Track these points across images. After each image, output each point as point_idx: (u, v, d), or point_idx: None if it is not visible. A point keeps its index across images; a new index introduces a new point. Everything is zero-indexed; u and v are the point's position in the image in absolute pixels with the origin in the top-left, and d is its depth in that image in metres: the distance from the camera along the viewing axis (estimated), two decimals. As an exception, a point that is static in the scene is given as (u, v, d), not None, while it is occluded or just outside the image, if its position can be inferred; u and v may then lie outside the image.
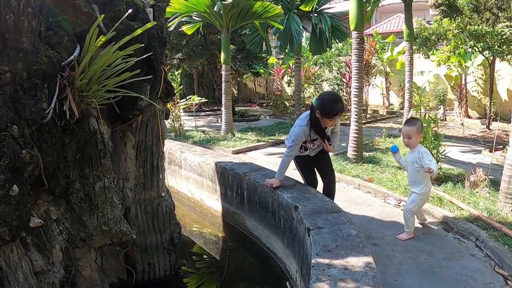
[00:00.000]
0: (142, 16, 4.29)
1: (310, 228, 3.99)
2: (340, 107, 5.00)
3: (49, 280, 3.43)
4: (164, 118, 4.95)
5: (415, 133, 5.53)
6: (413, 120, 5.74)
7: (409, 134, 5.56)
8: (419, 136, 5.66)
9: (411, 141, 5.57)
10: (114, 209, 3.94)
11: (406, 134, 5.60)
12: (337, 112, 4.99)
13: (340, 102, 5.07)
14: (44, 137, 3.36)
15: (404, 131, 5.67)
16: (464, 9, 11.71)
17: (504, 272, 4.72)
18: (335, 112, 4.98)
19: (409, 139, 5.56)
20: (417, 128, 5.54)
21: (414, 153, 5.61)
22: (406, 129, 5.60)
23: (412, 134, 5.54)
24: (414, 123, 5.62)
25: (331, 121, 5.09)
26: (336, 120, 5.16)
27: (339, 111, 5.01)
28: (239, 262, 5.83)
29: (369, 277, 3.06)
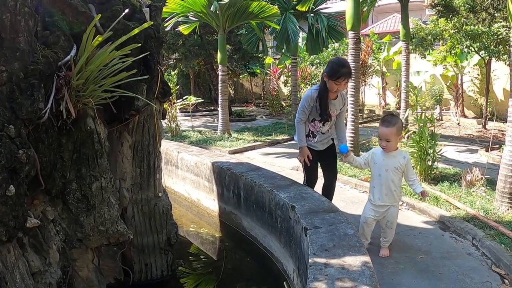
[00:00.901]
0: (139, 16, 4.29)
1: (307, 228, 3.99)
2: (345, 71, 5.00)
3: (46, 281, 3.42)
4: (161, 118, 4.95)
5: (394, 135, 4.84)
6: (391, 119, 4.93)
7: (388, 136, 4.85)
8: (399, 138, 4.98)
9: (390, 144, 4.87)
10: (111, 209, 3.94)
11: (384, 136, 4.87)
12: (342, 74, 4.97)
13: (346, 67, 5.06)
14: (40, 137, 3.35)
15: (381, 133, 4.91)
16: (460, 9, 11.73)
17: (501, 271, 4.74)
18: (340, 74, 4.96)
19: (388, 142, 4.87)
20: (396, 129, 4.84)
21: (396, 157, 4.96)
22: (384, 131, 4.86)
23: (391, 136, 4.84)
24: (393, 123, 4.87)
25: (336, 86, 5.05)
26: (341, 85, 5.09)
27: (343, 74, 4.98)
28: (236, 262, 5.81)
29: (366, 276, 3.07)
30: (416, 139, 7.66)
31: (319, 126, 5.39)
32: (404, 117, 11.86)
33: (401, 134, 4.99)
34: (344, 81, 5.04)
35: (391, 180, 4.94)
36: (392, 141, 4.85)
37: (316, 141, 5.46)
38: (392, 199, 5.00)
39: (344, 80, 5.04)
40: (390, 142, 4.84)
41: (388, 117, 5.02)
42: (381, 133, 4.89)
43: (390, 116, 5.07)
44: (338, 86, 5.06)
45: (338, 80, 4.99)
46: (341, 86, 5.09)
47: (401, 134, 4.99)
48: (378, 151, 5.05)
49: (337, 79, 4.97)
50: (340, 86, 5.08)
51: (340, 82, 5.02)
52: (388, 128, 4.82)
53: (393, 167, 4.92)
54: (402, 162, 4.93)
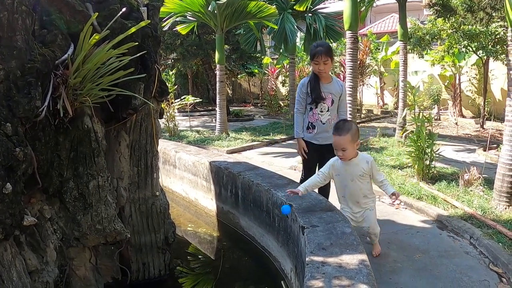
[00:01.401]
0: (136, 15, 4.28)
1: (305, 227, 3.98)
2: (319, 49, 5.25)
3: (43, 280, 3.41)
4: (158, 117, 4.95)
5: (349, 142, 4.44)
6: (344, 126, 4.53)
7: (342, 145, 4.46)
8: (356, 144, 4.53)
9: (347, 153, 4.49)
10: (108, 208, 3.93)
11: (338, 145, 4.50)
12: (316, 52, 5.24)
13: (321, 46, 5.32)
14: (37, 136, 3.35)
15: (335, 143, 4.54)
16: (458, 9, 11.74)
17: (499, 269, 4.76)
18: (314, 52, 5.27)
19: (344, 151, 4.48)
20: (351, 136, 4.44)
21: (358, 164, 4.59)
22: (338, 140, 4.48)
23: (346, 144, 4.45)
24: (346, 130, 4.46)
25: (316, 65, 5.27)
26: (321, 64, 5.25)
27: (317, 52, 5.22)
28: (234, 262, 5.81)
29: (364, 274, 3.06)
30: (414, 139, 7.67)
31: (317, 113, 5.44)
32: (402, 117, 11.88)
33: (357, 139, 4.54)
34: (322, 60, 5.21)
35: (359, 189, 4.70)
36: (349, 149, 4.47)
37: (316, 132, 5.48)
38: (364, 204, 4.80)
39: (323, 59, 5.21)
40: (346, 150, 4.47)
41: (340, 123, 4.66)
42: (335, 142, 4.54)
43: (342, 122, 4.74)
44: (318, 66, 5.26)
45: (315, 59, 5.25)
46: (321, 65, 5.25)
47: (357, 139, 4.54)
48: (338, 162, 4.68)
49: (314, 58, 5.26)
50: (320, 65, 5.26)
51: (318, 61, 5.24)
52: (341, 136, 4.46)
53: (357, 175, 4.62)
54: (366, 168, 4.60)
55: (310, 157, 5.58)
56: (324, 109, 5.43)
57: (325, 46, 5.34)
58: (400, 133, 11.67)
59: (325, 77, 5.45)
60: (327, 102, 5.43)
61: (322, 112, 5.44)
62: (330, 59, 5.31)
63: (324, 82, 5.44)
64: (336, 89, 5.49)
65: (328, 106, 5.44)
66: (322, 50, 5.24)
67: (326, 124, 5.44)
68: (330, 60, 5.33)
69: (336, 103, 5.53)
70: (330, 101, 5.44)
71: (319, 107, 5.43)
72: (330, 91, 5.43)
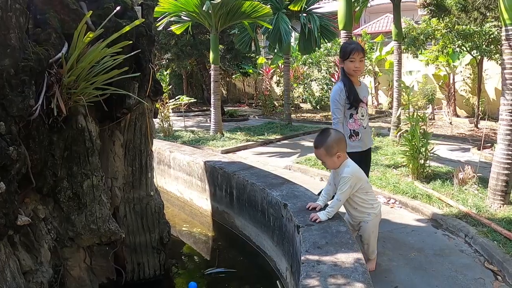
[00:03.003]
0: (130, 14, 4.28)
1: (300, 226, 3.99)
2: (354, 46, 4.92)
3: (37, 280, 3.40)
4: (153, 116, 4.95)
5: (324, 155, 4.28)
6: (319, 140, 4.35)
7: (319, 157, 4.41)
8: (336, 156, 4.25)
9: (327, 164, 4.41)
10: (102, 207, 3.93)
11: (317, 157, 4.47)
12: (352, 49, 4.86)
13: (355, 43, 5.12)
14: (31, 135, 3.34)
15: (315, 154, 4.49)
16: (452, 9, 11.76)
17: (494, 267, 4.77)
18: (350, 49, 4.87)
19: (324, 163, 4.45)
20: (325, 150, 4.24)
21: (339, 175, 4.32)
22: (315, 152, 4.44)
23: (322, 157, 4.34)
24: (320, 144, 4.29)
25: (353, 63, 4.85)
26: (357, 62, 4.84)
27: (353, 49, 4.85)
28: (229, 262, 5.79)
29: (359, 273, 3.07)
30: (409, 138, 7.67)
31: (359, 119, 5.03)
32: (396, 116, 11.89)
33: (336, 151, 4.24)
34: (358, 56, 4.84)
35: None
36: (327, 162, 4.32)
37: (360, 138, 5.03)
38: (358, 217, 4.51)
39: (358, 55, 4.85)
40: (326, 163, 4.36)
41: (318, 136, 4.43)
42: (315, 154, 4.47)
43: (319, 134, 4.46)
44: (354, 63, 4.86)
45: (352, 57, 4.84)
46: (357, 62, 4.87)
47: (336, 151, 4.24)
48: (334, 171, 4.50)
49: (350, 55, 4.84)
50: (356, 63, 4.86)
51: (355, 58, 4.84)
52: (316, 150, 4.35)
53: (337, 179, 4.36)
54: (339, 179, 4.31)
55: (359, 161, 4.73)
56: (364, 113, 5.07)
57: (358, 44, 5.09)
58: (394, 132, 11.67)
59: (356, 80, 5.06)
60: (364, 106, 5.08)
61: (363, 116, 5.05)
62: (364, 56, 5.03)
63: (356, 85, 5.01)
64: (365, 92, 5.19)
65: (366, 110, 5.10)
66: (358, 46, 4.92)
67: (367, 128, 5.14)
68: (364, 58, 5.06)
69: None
70: (366, 104, 5.16)
71: (360, 112, 5.02)
72: (363, 94, 5.10)
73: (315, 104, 21.33)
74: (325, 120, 17.73)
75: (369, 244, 4.60)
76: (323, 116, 18.93)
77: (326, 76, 20.79)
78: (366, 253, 4.65)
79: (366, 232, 4.52)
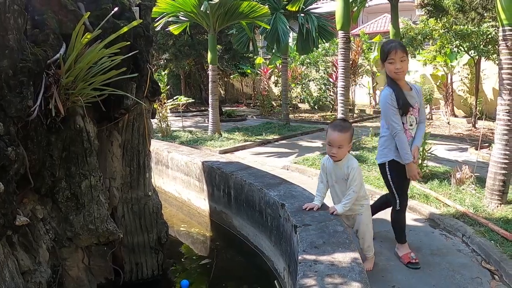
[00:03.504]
0: (128, 14, 4.29)
1: (297, 225, 4.01)
2: (392, 44, 4.51)
3: (36, 280, 3.41)
4: (151, 117, 4.96)
5: (347, 141, 4.31)
6: (345, 124, 4.44)
7: (341, 142, 4.28)
8: (349, 146, 4.41)
9: (341, 151, 4.31)
10: (100, 207, 3.94)
11: (336, 142, 4.28)
12: (390, 48, 4.47)
13: (393, 42, 4.62)
14: (29, 135, 3.35)
15: (333, 139, 4.30)
16: (450, 9, 11.78)
17: (491, 267, 4.77)
18: (388, 48, 4.49)
19: (339, 149, 4.29)
20: (350, 135, 4.35)
21: (342, 168, 4.40)
22: (338, 137, 4.28)
23: (344, 142, 4.29)
24: (347, 128, 4.35)
25: (393, 65, 4.45)
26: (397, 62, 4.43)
27: (392, 48, 4.45)
28: (227, 262, 5.83)
29: (356, 272, 3.08)
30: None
31: (407, 128, 4.68)
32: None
33: (351, 140, 4.41)
34: (397, 56, 4.43)
35: (341, 191, 4.51)
36: (344, 148, 4.30)
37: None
38: (354, 210, 4.55)
39: (398, 55, 4.43)
40: (342, 148, 4.28)
41: (340, 121, 4.63)
42: (333, 138, 4.30)
43: (341, 120, 4.73)
44: (394, 65, 4.46)
45: (390, 58, 4.46)
46: (398, 63, 4.45)
47: (351, 140, 4.41)
48: (329, 162, 4.54)
49: (388, 55, 4.47)
50: (396, 64, 4.45)
51: (394, 59, 4.45)
52: (343, 134, 4.29)
53: (341, 178, 4.47)
54: (345, 172, 4.39)
55: (405, 177, 4.76)
56: (413, 121, 4.69)
57: (398, 41, 4.71)
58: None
59: (404, 83, 4.66)
60: (414, 113, 4.67)
61: (411, 126, 4.69)
62: (406, 55, 4.51)
63: (404, 89, 4.63)
64: (416, 96, 4.71)
65: (415, 117, 4.70)
66: (397, 45, 4.49)
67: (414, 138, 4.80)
68: (407, 56, 4.53)
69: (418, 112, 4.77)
70: (416, 109, 4.71)
71: (408, 121, 4.65)
72: (414, 99, 4.67)
73: (313, 104, 21.34)
74: (322, 120, 17.74)
75: (364, 238, 4.65)
76: (321, 116, 18.94)
77: (324, 76, 20.79)
78: (363, 249, 4.71)
79: (362, 224, 4.59)
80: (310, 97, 21.48)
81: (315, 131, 14.86)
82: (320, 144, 12.45)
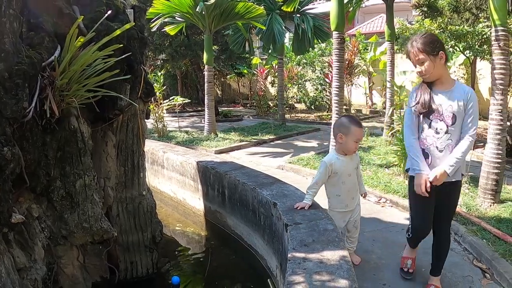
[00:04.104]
0: (122, 17, 4.35)
1: (288, 224, 4.06)
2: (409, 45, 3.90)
3: (31, 277, 3.46)
4: (145, 117, 5.02)
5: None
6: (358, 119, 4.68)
7: (362, 137, 4.65)
8: None
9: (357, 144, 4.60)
10: (94, 206, 3.99)
11: (360, 137, 4.57)
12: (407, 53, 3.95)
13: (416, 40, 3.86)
14: (25, 136, 3.40)
15: (359, 134, 4.51)
16: (444, 10, 11.84)
17: (483, 265, 4.83)
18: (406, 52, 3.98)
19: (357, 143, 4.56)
20: None
21: (354, 158, 4.68)
22: (361, 131, 4.53)
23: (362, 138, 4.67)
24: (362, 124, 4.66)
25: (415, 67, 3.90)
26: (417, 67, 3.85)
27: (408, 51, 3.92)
28: (222, 260, 5.86)
29: (344, 270, 3.14)
30: (400, 138, 7.75)
31: (431, 135, 3.94)
32: (389, 116, 11.97)
33: None
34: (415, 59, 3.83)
35: (353, 183, 4.66)
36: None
37: (430, 163, 3.98)
38: (357, 199, 4.78)
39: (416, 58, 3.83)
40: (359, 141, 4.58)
41: (354, 117, 4.75)
42: (359, 134, 4.49)
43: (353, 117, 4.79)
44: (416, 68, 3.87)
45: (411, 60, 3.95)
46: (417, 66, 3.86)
47: None
48: (337, 161, 4.59)
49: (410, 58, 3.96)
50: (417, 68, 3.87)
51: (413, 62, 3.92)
52: (361, 128, 4.53)
53: (353, 168, 4.65)
54: (357, 160, 4.74)
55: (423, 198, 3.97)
56: (441, 129, 3.90)
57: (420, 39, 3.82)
58: (387, 132, 11.75)
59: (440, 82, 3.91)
60: (445, 119, 3.87)
61: (438, 133, 3.91)
62: (427, 55, 3.75)
63: (438, 87, 3.91)
64: (458, 98, 3.82)
65: (447, 125, 3.87)
66: (409, 45, 3.89)
67: (444, 151, 3.92)
68: (429, 56, 3.75)
69: (460, 121, 3.85)
70: (451, 117, 3.85)
71: (433, 126, 3.91)
72: (448, 102, 3.84)
73: (310, 104, 21.41)
74: (319, 121, 17.80)
75: (358, 228, 4.89)
76: (317, 116, 19.00)
77: (320, 77, 20.86)
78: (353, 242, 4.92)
79: (359, 214, 4.86)
80: (307, 97, 21.54)
81: (311, 131, 14.93)
82: (315, 144, 12.51)
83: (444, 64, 3.85)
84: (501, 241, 5.15)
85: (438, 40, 3.86)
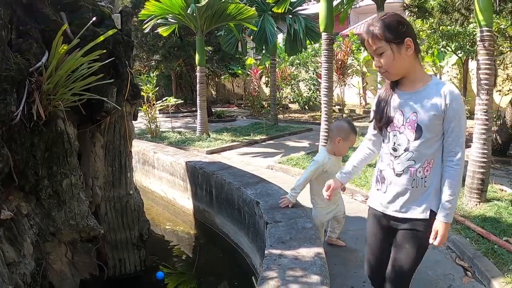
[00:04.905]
0: (108, 22, 4.49)
1: (268, 222, 4.18)
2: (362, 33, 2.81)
3: (20, 271, 3.57)
4: (132, 119, 5.13)
5: None
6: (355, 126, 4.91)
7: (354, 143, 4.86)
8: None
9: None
10: (81, 204, 4.12)
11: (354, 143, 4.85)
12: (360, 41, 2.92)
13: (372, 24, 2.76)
14: (13, 137, 3.53)
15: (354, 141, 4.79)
16: (433, 10, 11.91)
17: (465, 263, 4.92)
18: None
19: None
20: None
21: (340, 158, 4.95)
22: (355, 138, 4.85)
23: None
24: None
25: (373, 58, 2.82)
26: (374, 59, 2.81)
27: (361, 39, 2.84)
28: (209, 258, 5.98)
29: (317, 266, 3.24)
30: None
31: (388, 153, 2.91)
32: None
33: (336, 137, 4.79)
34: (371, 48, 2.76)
35: None
36: None
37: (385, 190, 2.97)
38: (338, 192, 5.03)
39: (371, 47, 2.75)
40: None
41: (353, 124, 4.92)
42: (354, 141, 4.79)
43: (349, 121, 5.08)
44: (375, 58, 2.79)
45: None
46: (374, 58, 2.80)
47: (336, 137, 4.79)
48: (329, 161, 4.73)
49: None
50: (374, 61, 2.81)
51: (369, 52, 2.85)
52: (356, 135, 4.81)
53: (338, 167, 4.70)
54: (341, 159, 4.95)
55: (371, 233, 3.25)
56: (399, 144, 2.83)
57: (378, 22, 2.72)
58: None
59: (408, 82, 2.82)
60: (404, 130, 2.80)
61: (396, 150, 2.85)
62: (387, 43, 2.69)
63: (403, 87, 2.86)
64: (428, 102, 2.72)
65: (407, 139, 2.79)
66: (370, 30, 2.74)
67: (402, 177, 2.84)
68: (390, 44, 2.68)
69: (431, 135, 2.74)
70: (413, 129, 2.76)
71: (391, 141, 2.88)
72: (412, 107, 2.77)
73: (303, 104, 21.49)
74: (312, 121, 17.89)
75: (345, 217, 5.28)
76: (311, 116, 19.11)
77: (313, 77, 20.96)
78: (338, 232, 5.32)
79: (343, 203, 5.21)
80: (300, 97, 21.62)
81: (303, 131, 15.05)
82: (307, 144, 12.62)
83: (414, 56, 2.75)
84: (485, 240, 5.23)
85: (404, 22, 2.76)
